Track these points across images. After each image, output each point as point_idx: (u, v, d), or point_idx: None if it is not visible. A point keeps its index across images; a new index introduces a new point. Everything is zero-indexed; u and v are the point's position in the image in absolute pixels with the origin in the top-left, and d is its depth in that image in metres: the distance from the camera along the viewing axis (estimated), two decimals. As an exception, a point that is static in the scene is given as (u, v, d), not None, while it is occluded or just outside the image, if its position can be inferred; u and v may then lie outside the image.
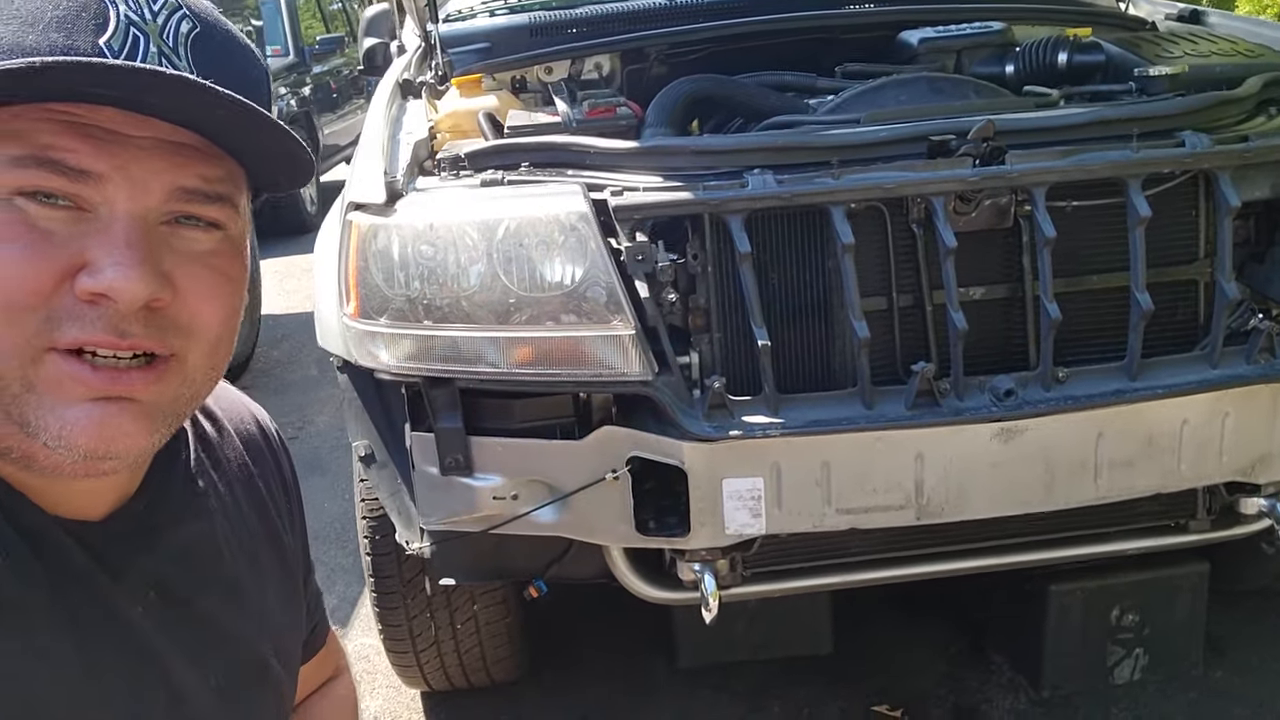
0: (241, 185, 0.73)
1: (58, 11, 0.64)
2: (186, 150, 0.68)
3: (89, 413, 0.67)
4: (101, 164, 0.65)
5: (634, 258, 1.62)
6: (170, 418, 0.73)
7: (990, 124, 1.65)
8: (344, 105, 9.45)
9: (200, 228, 0.70)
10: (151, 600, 0.77)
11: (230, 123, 0.67)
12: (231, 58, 0.71)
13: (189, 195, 0.69)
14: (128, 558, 0.76)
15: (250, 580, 0.87)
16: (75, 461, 0.67)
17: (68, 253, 0.65)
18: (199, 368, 0.73)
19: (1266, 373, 1.68)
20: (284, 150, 0.71)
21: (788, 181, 1.63)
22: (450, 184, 1.80)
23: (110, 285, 0.65)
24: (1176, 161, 1.67)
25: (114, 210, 0.66)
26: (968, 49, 2.36)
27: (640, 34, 2.53)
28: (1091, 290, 1.76)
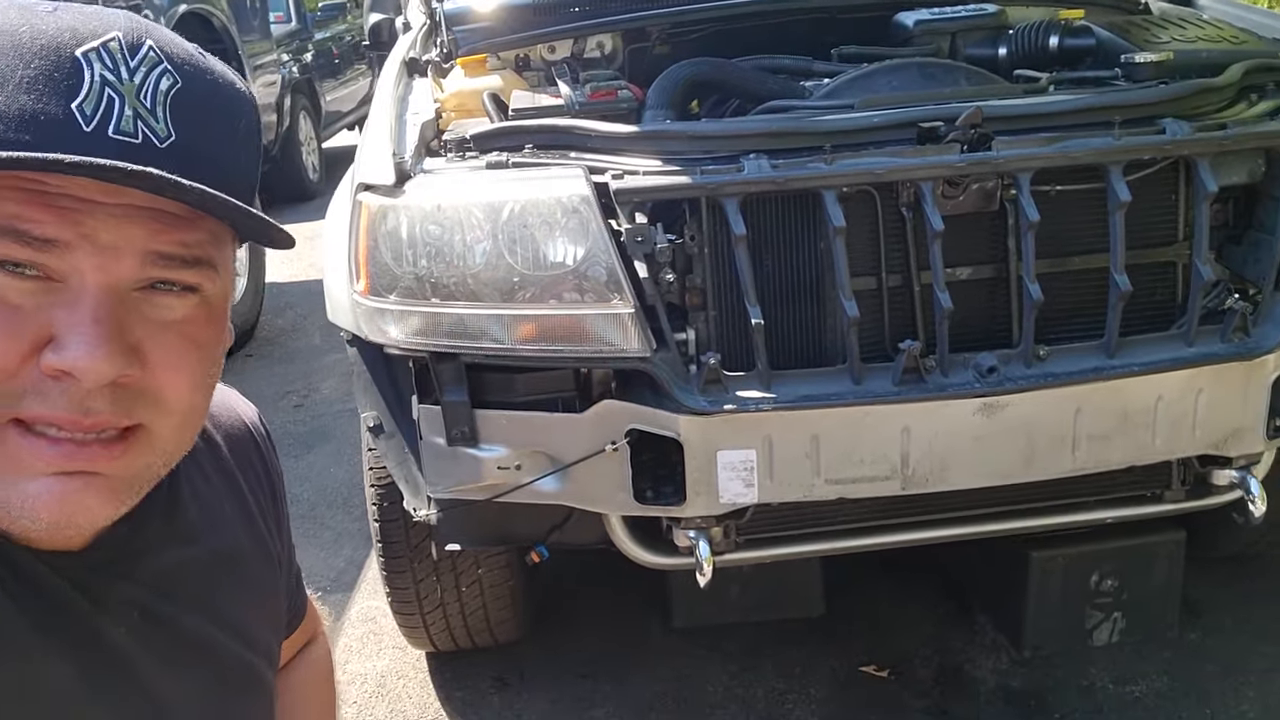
0: (225, 241, 0.71)
1: (28, 71, 0.61)
2: (162, 216, 0.65)
3: (49, 487, 0.65)
4: (68, 232, 0.62)
5: (634, 239, 1.69)
6: (139, 484, 0.71)
7: (978, 111, 1.71)
8: (346, 71, 9.45)
9: (175, 293, 0.67)
10: (135, 621, 0.76)
11: (205, 200, 0.64)
12: (215, 114, 0.68)
13: (165, 261, 0.66)
14: (108, 584, 0.75)
15: (235, 593, 0.87)
16: (39, 531, 0.67)
17: (34, 326, 0.63)
18: (169, 438, 0.71)
19: (1239, 351, 1.76)
20: (259, 228, 0.70)
21: (782, 166, 1.69)
22: (456, 165, 1.87)
23: (74, 364, 0.62)
24: (1157, 148, 1.73)
25: (83, 281, 0.63)
26: (961, 31, 2.42)
27: (642, 14, 2.58)
28: (1073, 271, 1.82)
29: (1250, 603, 2.47)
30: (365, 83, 9.91)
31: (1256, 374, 1.77)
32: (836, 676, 2.37)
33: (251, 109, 0.71)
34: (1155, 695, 2.22)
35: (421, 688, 2.46)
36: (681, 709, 2.34)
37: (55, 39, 0.62)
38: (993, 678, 2.32)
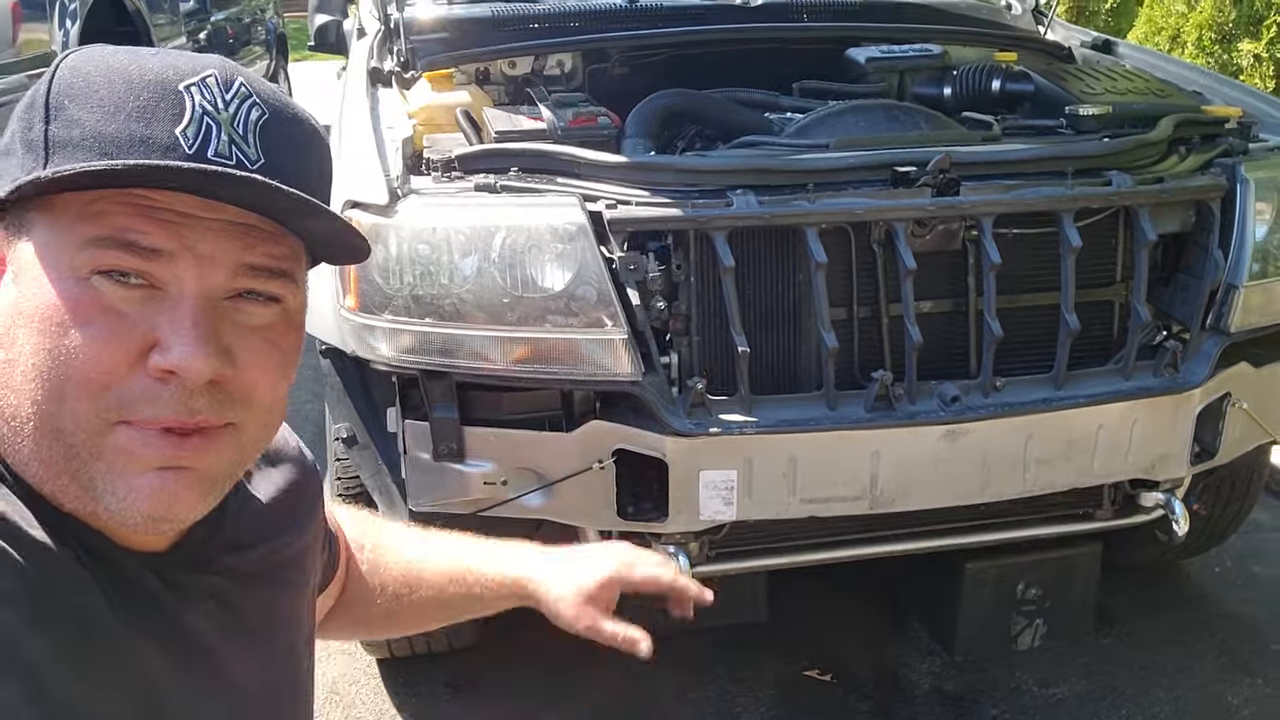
0: (302, 260, 0.78)
1: (138, 102, 0.69)
2: (253, 231, 0.72)
3: (151, 481, 0.71)
4: (172, 243, 0.69)
5: (627, 267, 1.76)
6: (225, 481, 0.78)
7: (947, 157, 1.84)
8: (240, 51, 9.19)
9: (260, 302, 0.74)
10: (210, 608, 0.84)
11: (292, 211, 0.72)
12: (296, 143, 0.75)
13: (253, 272, 0.73)
14: (189, 578, 0.83)
15: (289, 590, 0.96)
16: (136, 524, 0.73)
17: (140, 332, 0.69)
18: (253, 435, 0.78)
19: (1170, 386, 1.93)
20: (343, 238, 0.77)
21: (768, 203, 1.79)
22: (444, 186, 1.90)
23: (179, 363, 0.69)
24: (1104, 199, 1.89)
25: (183, 288, 0.70)
26: (910, 70, 2.56)
27: (604, 36, 2.65)
28: (1024, 307, 1.97)
29: (1158, 609, 2.68)
30: (263, 66, 9.67)
31: (1184, 406, 1.94)
32: (782, 680, 2.49)
33: (325, 144, 0.80)
34: (1076, 697, 2.40)
35: (375, 694, 2.48)
36: (635, 713, 2.42)
37: (161, 75, 0.70)
38: (928, 680, 2.47)
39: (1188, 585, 2.83)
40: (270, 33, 10.14)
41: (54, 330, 0.69)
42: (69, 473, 0.71)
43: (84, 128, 0.68)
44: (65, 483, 0.72)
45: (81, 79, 0.70)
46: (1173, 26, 4.05)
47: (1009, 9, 3.07)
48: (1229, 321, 1.94)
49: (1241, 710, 2.36)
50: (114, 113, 0.68)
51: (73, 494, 0.72)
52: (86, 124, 0.68)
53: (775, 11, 2.74)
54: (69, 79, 0.70)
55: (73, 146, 0.68)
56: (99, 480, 0.71)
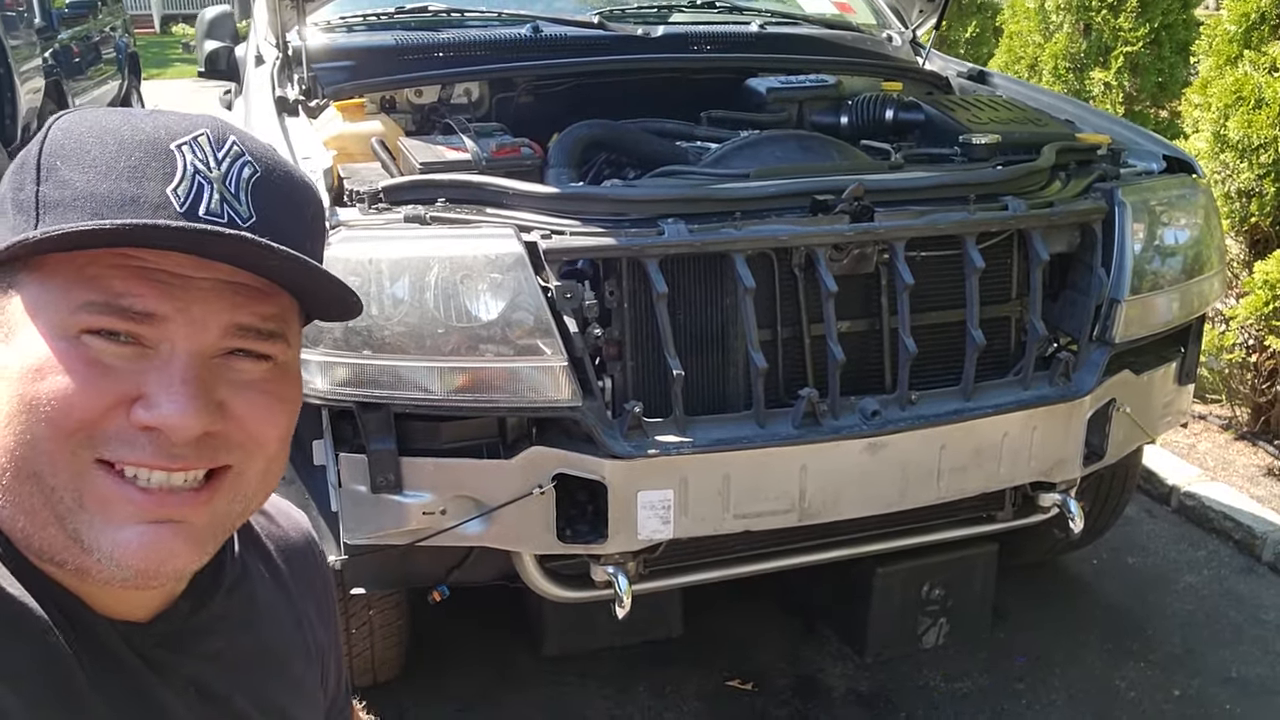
0: (294, 318, 0.77)
1: (130, 161, 0.68)
2: (245, 290, 0.72)
3: (140, 535, 0.69)
4: (165, 307, 0.69)
5: (563, 296, 1.80)
6: (220, 533, 0.76)
7: (861, 185, 1.95)
8: (88, 70, 8.81)
9: (251, 359, 0.74)
10: (192, 696, 0.80)
11: (284, 269, 0.71)
12: (288, 199, 0.74)
13: (244, 332, 0.72)
14: (171, 658, 0.79)
15: (280, 685, 0.90)
16: (126, 578, 0.70)
17: (125, 385, 0.68)
18: (252, 482, 0.76)
19: (1064, 394, 2.08)
20: (332, 292, 0.75)
21: (698, 230, 1.86)
22: (372, 217, 1.91)
23: (164, 420, 0.68)
24: (1003, 223, 2.04)
25: (174, 348, 0.69)
26: (808, 100, 2.68)
27: (510, 65, 2.68)
28: (932, 324, 2.10)
29: (1046, 602, 2.87)
30: (114, 85, 9.28)
31: (1076, 413, 2.10)
32: (705, 692, 2.55)
33: (318, 200, 0.80)
34: (980, 691, 2.54)
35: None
36: (565, 734, 2.44)
37: (153, 135, 0.70)
38: (843, 683, 2.58)
39: (1070, 579, 3.03)
40: (121, 52, 9.76)
41: (30, 378, 0.68)
42: (55, 522, 0.70)
43: (75, 188, 0.68)
44: (53, 534, 0.70)
45: (73, 140, 0.70)
46: (1030, 55, 4.33)
47: (890, 40, 3.24)
48: (1113, 333, 2.11)
49: (1128, 692, 2.54)
50: (105, 173, 0.68)
51: (61, 545, 0.70)
52: (78, 184, 0.68)
53: (675, 42, 2.83)
54: (60, 139, 0.70)
55: (64, 207, 0.68)
56: (84, 532, 0.69)
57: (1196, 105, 3.52)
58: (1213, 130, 3.42)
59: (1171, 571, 3.06)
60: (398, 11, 2.90)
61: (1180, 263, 2.24)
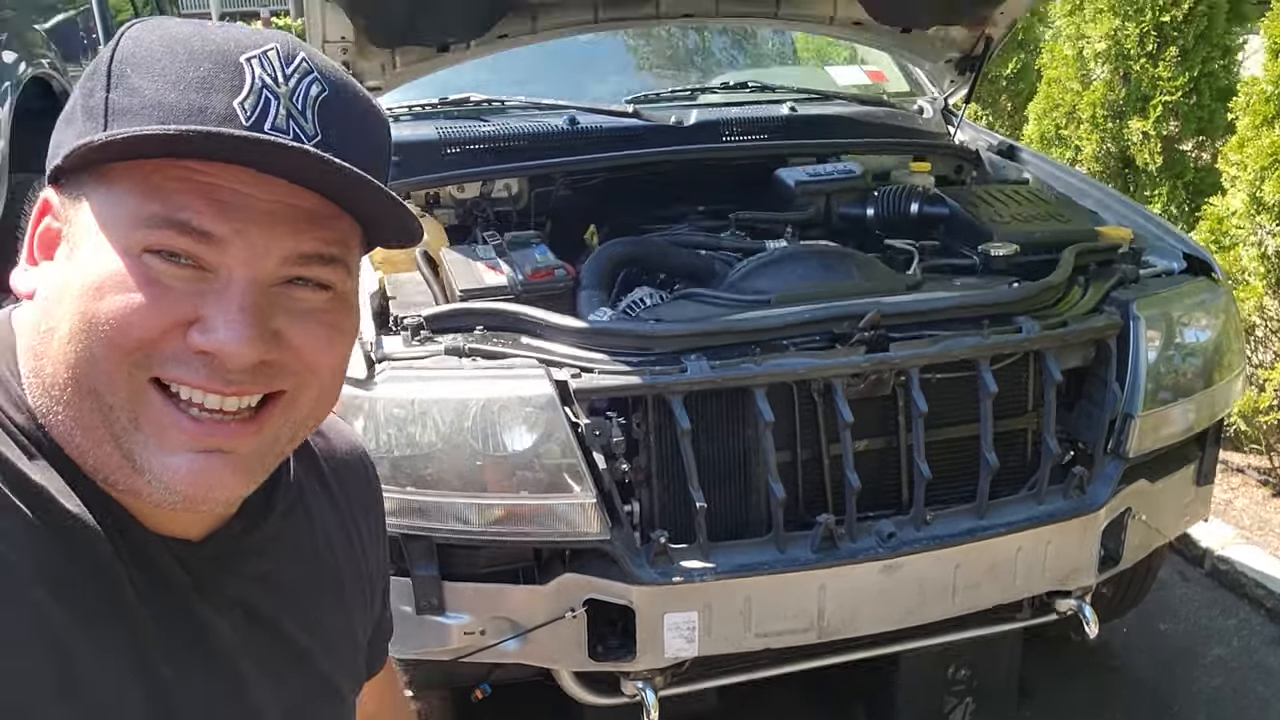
0: (355, 245, 0.76)
1: (199, 72, 0.68)
2: (306, 214, 0.71)
3: (190, 462, 0.70)
4: (224, 228, 0.68)
5: (592, 433, 1.91)
6: (269, 461, 0.76)
7: (877, 314, 2.03)
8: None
9: (311, 288, 0.73)
10: (238, 617, 0.80)
11: (346, 187, 0.70)
12: (356, 120, 0.74)
13: (305, 260, 0.72)
14: (219, 578, 0.79)
15: (332, 609, 0.90)
16: (175, 502, 0.71)
17: (183, 307, 0.69)
18: (305, 408, 0.76)
19: (1078, 508, 2.15)
20: (394, 217, 0.75)
21: (719, 366, 1.96)
22: (415, 349, 2.03)
23: (221, 346, 0.68)
24: (1016, 346, 2.11)
25: (232, 274, 0.69)
26: (835, 193, 2.76)
27: (548, 162, 2.79)
28: (948, 439, 2.17)
29: (1070, 677, 2.93)
30: None
31: (1091, 525, 2.17)
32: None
33: (386, 128, 0.79)
34: (1004, 770, 2.63)
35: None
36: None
37: (223, 47, 0.70)
38: (870, 761, 2.67)
39: (1098, 650, 3.08)
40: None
41: (91, 295, 0.68)
42: (111, 440, 0.70)
43: (144, 96, 0.68)
44: (108, 452, 0.71)
45: (144, 48, 0.70)
46: (1068, 103, 4.33)
47: (920, 113, 3.30)
48: (1128, 447, 2.17)
49: (1149, 774, 2.61)
50: (174, 82, 0.68)
51: (115, 464, 0.71)
52: (146, 92, 0.68)
53: (707, 131, 2.91)
54: (131, 48, 0.70)
55: (132, 114, 0.68)
56: (137, 453, 0.70)
57: (1234, 163, 3.52)
58: (1249, 192, 3.42)
59: (1201, 642, 3.10)
60: (441, 102, 3.01)
61: (1198, 370, 2.29)
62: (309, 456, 0.92)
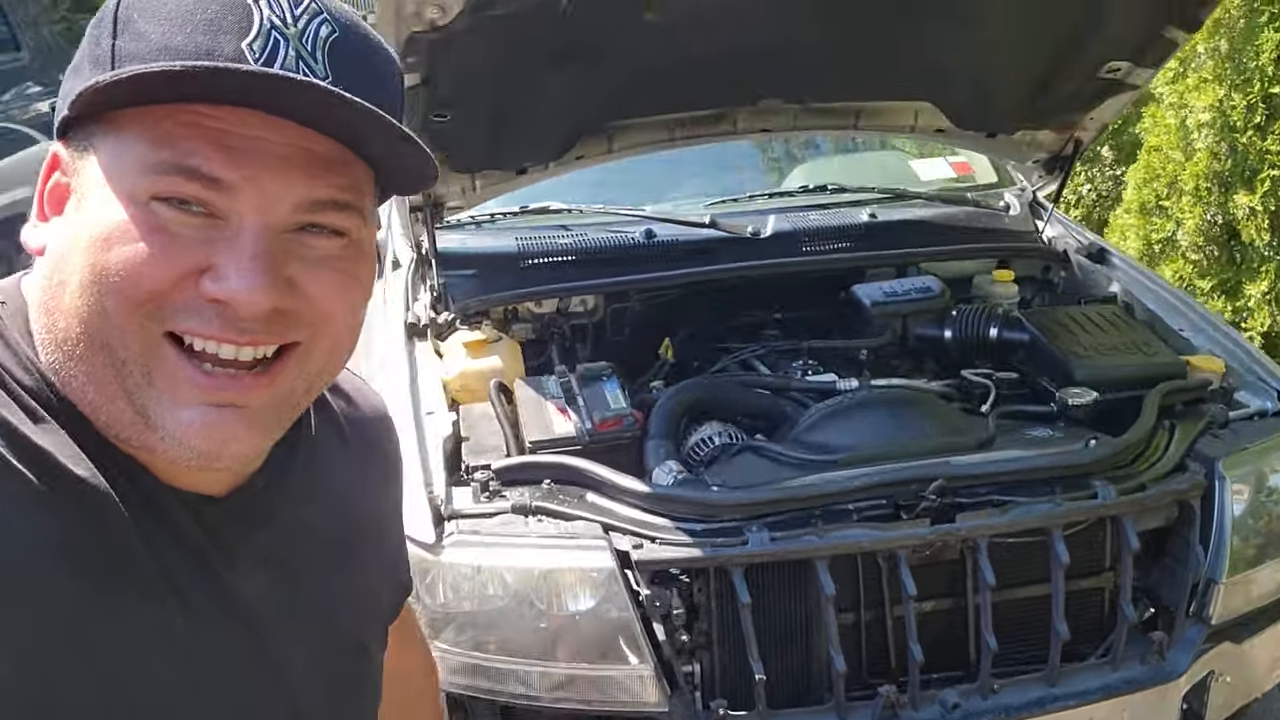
0: (369, 191, 0.75)
1: (205, 14, 0.67)
2: (319, 159, 0.70)
3: (203, 416, 0.69)
4: (234, 174, 0.67)
5: (652, 604, 1.94)
6: (286, 415, 0.75)
7: (944, 482, 2.00)
8: None
9: (325, 235, 0.72)
10: (261, 574, 0.78)
11: (361, 129, 0.69)
12: (367, 62, 0.72)
13: (318, 206, 0.70)
14: (243, 534, 0.77)
15: (357, 567, 0.89)
16: (189, 459, 0.70)
17: (194, 255, 0.67)
18: (321, 357, 0.74)
19: (1157, 675, 2.09)
20: (410, 157, 0.73)
21: (781, 538, 1.96)
22: (484, 506, 2.08)
23: (233, 294, 0.67)
24: (1089, 513, 2.05)
25: (243, 221, 0.68)
26: (912, 314, 2.72)
27: (623, 280, 2.82)
28: (1018, 599, 2.13)
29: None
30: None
31: (1170, 693, 2.10)
32: None
33: (399, 72, 0.78)
34: None
35: None
36: None
37: None
38: None
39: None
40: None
41: (100, 246, 0.67)
42: (123, 396, 0.69)
43: (150, 41, 0.67)
44: (121, 408, 0.70)
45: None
46: (1170, 174, 4.18)
47: (1006, 210, 3.22)
48: (1211, 612, 2.10)
49: None
50: (181, 25, 0.67)
51: (128, 420, 0.70)
52: (153, 37, 0.67)
53: (783, 243, 2.90)
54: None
55: (138, 59, 0.67)
56: (151, 408, 0.69)
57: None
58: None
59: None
60: (521, 210, 3.06)
61: (1290, 527, 2.20)
62: (329, 415, 0.91)
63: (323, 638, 0.85)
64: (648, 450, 2.24)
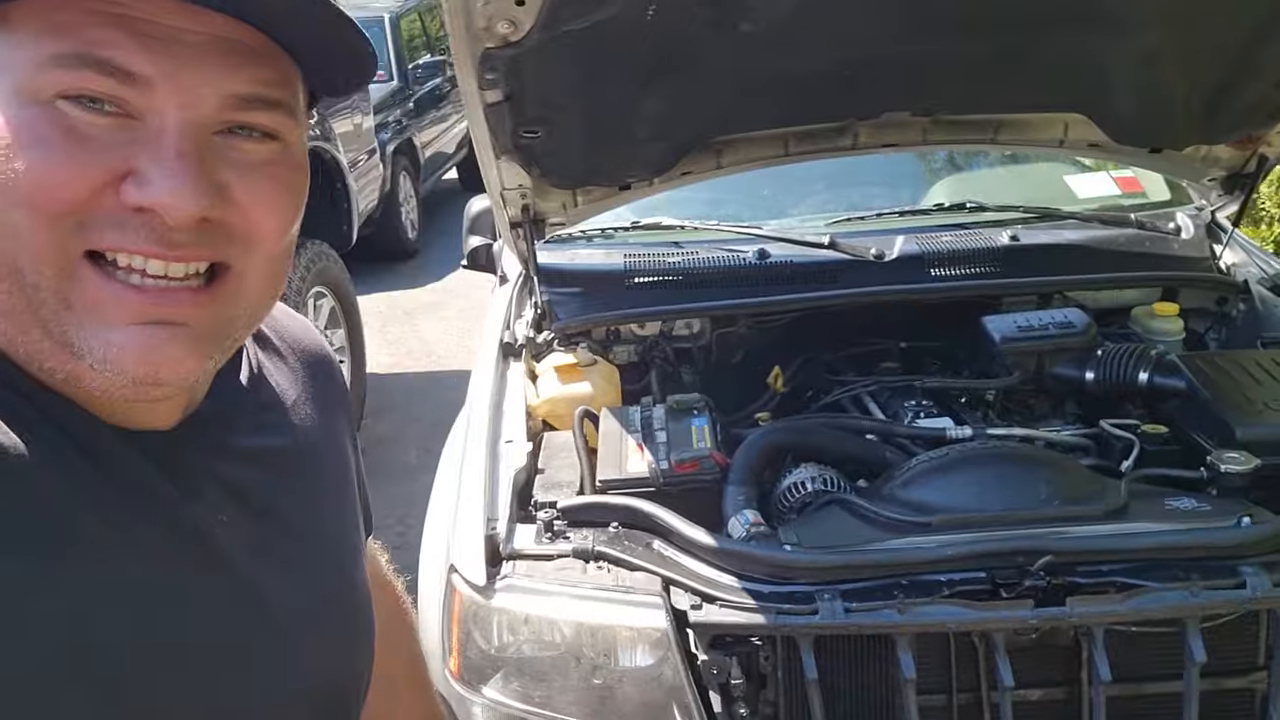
0: (298, 89, 0.69)
1: None
2: (241, 50, 0.63)
3: (135, 336, 0.62)
4: (150, 67, 0.60)
5: (709, 670, 1.77)
6: (226, 340, 0.69)
7: (1053, 558, 1.74)
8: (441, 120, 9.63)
9: (255, 138, 0.66)
10: (231, 511, 0.72)
11: (287, 12, 0.63)
12: None
13: (244, 103, 0.64)
14: (202, 465, 0.71)
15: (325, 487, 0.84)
16: (124, 386, 0.63)
17: (111, 159, 0.60)
18: (256, 285, 0.68)
19: (1315, 800, 1.76)
20: (344, 43, 0.67)
21: (855, 611, 1.75)
22: (545, 547, 1.95)
23: (159, 199, 0.60)
24: (1234, 605, 1.74)
25: (164, 120, 0.61)
26: (1050, 352, 2.42)
27: (730, 303, 2.65)
28: (1144, 695, 1.84)
29: None
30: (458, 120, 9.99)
31: (1328, 823, 1.77)
32: None
33: None
34: None
35: None
36: None
37: None
38: None
39: None
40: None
41: (1, 155, 0.59)
42: (39, 325, 0.62)
43: None
44: (37, 339, 0.63)
45: None
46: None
47: (1178, 233, 2.85)
48: (1387, 732, 1.75)
49: None
50: None
51: (49, 352, 0.63)
52: None
53: (909, 267, 2.65)
54: None
55: None
56: (73, 335, 0.62)
57: None
58: None
59: None
60: (633, 225, 2.93)
61: None
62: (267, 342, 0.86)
63: (309, 566, 0.78)
64: (726, 497, 2.07)
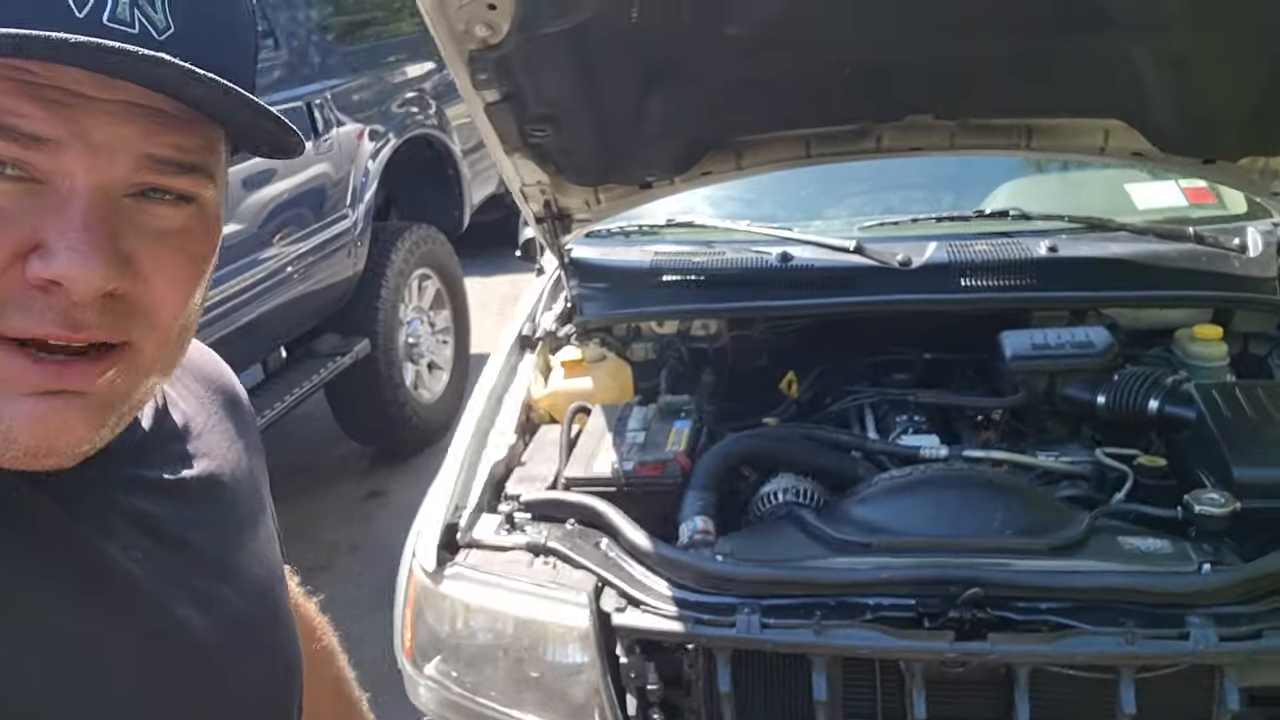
0: (219, 150, 0.66)
1: None
2: (160, 116, 0.60)
3: (31, 408, 0.60)
4: (59, 129, 0.57)
5: (627, 673, 1.80)
6: (124, 407, 0.66)
7: (977, 593, 1.68)
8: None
9: (169, 202, 0.63)
10: (145, 546, 0.70)
11: (207, 96, 0.60)
12: (215, 9, 0.63)
13: (160, 166, 0.61)
14: (112, 500, 0.69)
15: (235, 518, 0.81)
16: (14, 456, 0.61)
17: (17, 230, 0.58)
18: (154, 357, 0.66)
19: None
20: (268, 130, 0.64)
21: (771, 629, 1.74)
22: (502, 539, 2.02)
23: (64, 273, 0.58)
24: (1174, 657, 1.64)
25: (73, 184, 0.58)
26: (1062, 373, 2.31)
27: (747, 305, 2.63)
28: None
29: None
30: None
31: None
32: None
33: (251, 15, 0.68)
34: None
35: None
36: None
37: None
38: None
39: None
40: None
41: None
42: None
43: None
44: None
45: None
46: None
47: (1243, 250, 2.64)
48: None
49: None
50: None
51: None
52: None
53: (935, 277, 2.56)
54: None
55: None
56: None
57: None
58: None
59: None
60: (668, 223, 2.94)
61: None
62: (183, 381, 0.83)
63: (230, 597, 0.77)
64: (685, 501, 2.07)
